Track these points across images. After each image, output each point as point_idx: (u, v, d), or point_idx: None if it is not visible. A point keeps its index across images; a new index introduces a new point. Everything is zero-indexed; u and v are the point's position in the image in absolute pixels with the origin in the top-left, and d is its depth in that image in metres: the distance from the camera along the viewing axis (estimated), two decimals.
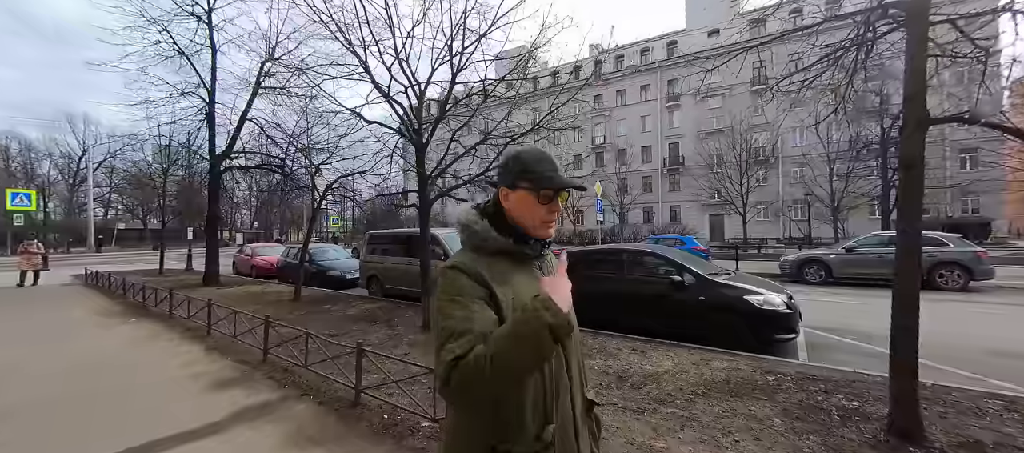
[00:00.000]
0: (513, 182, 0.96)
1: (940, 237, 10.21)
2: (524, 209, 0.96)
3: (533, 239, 0.98)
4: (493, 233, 0.94)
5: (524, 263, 0.98)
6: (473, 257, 0.93)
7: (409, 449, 2.74)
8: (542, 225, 0.97)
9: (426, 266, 5.80)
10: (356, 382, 3.42)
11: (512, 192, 0.96)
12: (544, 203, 0.95)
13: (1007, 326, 6.29)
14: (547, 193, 0.95)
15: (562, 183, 0.95)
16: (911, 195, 2.74)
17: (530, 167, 0.95)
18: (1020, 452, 2.54)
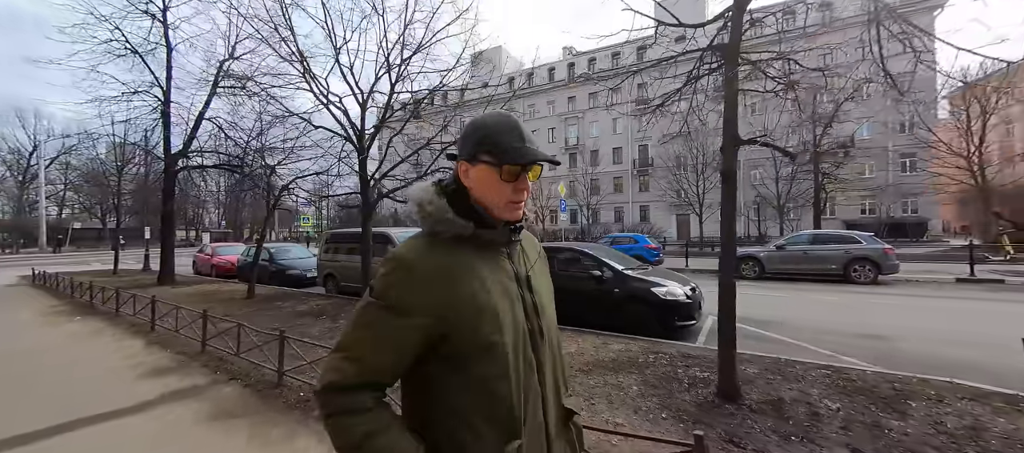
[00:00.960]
0: (473, 154, 0.80)
1: (854, 235, 11.31)
2: (486, 187, 0.80)
3: (501, 223, 0.82)
4: (449, 215, 0.78)
5: (489, 251, 0.82)
6: (426, 246, 0.78)
7: (314, 419, 3.17)
8: (508, 206, 0.80)
9: (367, 265, 6.20)
10: (279, 366, 3.82)
11: (472, 167, 0.80)
12: (509, 180, 0.79)
13: (884, 314, 7.18)
14: (512, 169, 0.78)
15: (531, 156, 0.78)
16: (729, 200, 3.36)
17: (492, 137, 0.79)
18: (808, 404, 3.18)
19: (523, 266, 0.88)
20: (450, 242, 0.79)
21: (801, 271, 11.34)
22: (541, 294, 0.88)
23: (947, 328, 6.09)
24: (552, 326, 0.89)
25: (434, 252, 0.77)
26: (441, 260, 0.76)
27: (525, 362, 0.79)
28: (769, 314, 7.12)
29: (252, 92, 8.36)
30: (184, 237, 52.81)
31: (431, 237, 0.80)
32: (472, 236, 0.79)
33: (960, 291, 9.43)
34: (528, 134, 0.80)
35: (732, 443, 2.68)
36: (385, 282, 0.74)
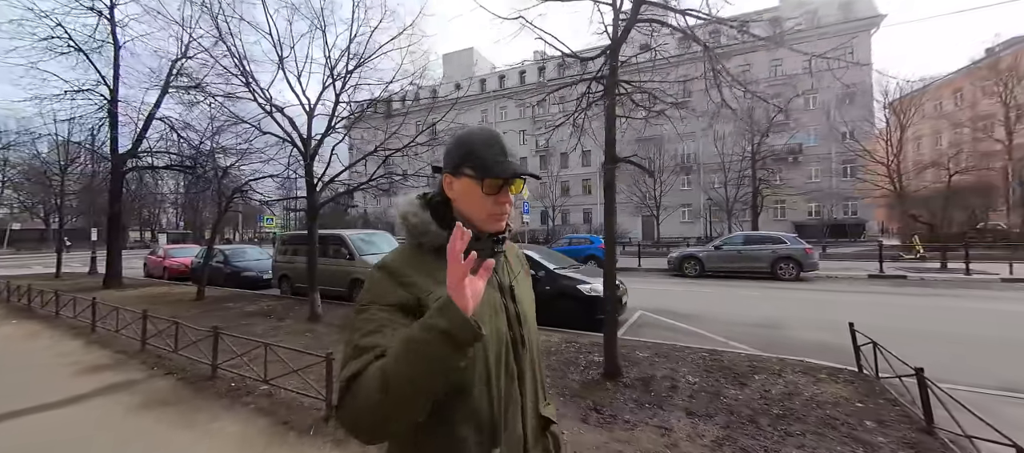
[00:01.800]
0: (457, 168, 0.83)
1: (780, 236, 12.43)
2: (469, 199, 0.82)
3: (485, 234, 0.84)
4: (433, 227, 0.82)
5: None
6: (410, 255, 0.81)
7: (241, 404, 3.52)
8: (490, 218, 0.83)
9: (313, 265, 6.49)
10: (213, 359, 4.11)
11: (456, 179, 0.83)
12: (491, 193, 0.81)
13: (790, 306, 8.08)
14: (493, 182, 0.81)
15: (511, 170, 0.82)
16: (610, 206, 3.95)
17: (475, 151, 0.82)
18: (672, 380, 3.79)
19: (507, 277, 0.90)
20: (433, 252, 0.80)
21: (736, 269, 12.34)
22: (524, 304, 0.90)
23: (833, 317, 6.98)
24: (533, 335, 0.90)
25: (418, 261, 0.79)
26: (425, 268, 0.78)
27: (507, 371, 0.80)
28: (691, 308, 7.87)
29: (204, 95, 8.41)
30: (139, 239, 50.28)
31: (415, 247, 0.82)
32: None
33: (867, 286, 10.58)
34: (509, 148, 0.84)
35: (595, 410, 3.23)
36: (371, 289, 0.76)
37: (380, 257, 0.85)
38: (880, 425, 2.86)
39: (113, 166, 11.24)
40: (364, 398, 0.63)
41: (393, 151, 6.68)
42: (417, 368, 0.61)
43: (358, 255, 8.87)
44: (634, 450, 2.66)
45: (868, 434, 2.75)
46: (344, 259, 9.06)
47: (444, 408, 0.72)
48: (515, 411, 0.81)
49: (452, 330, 0.61)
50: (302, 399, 3.44)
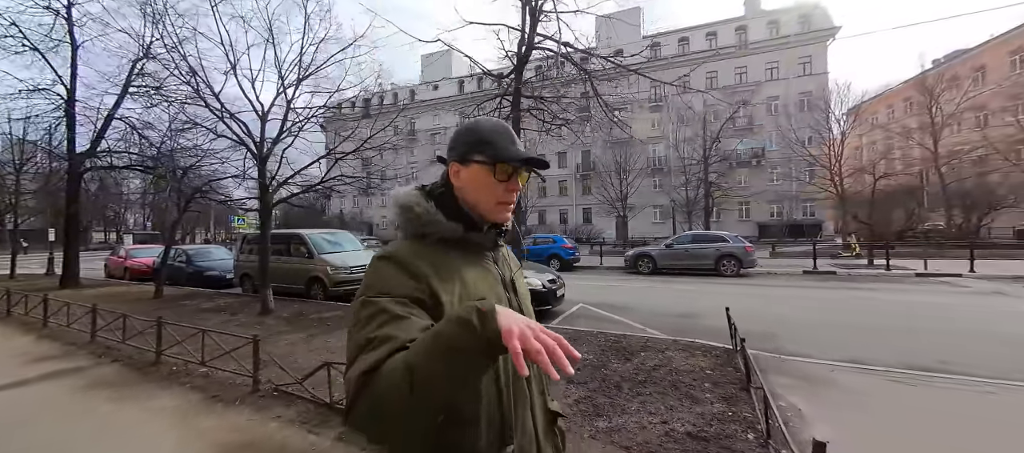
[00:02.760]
0: (465, 156, 0.81)
1: (724, 235, 13.35)
2: (478, 188, 0.81)
3: (487, 226, 0.84)
4: (439, 217, 0.80)
5: (476, 255, 0.84)
6: (413, 247, 0.78)
7: (179, 384, 3.91)
8: (498, 207, 0.82)
9: (264, 263, 6.84)
10: (157, 346, 4.48)
11: (464, 168, 0.82)
12: (502, 180, 0.80)
13: (717, 299, 8.78)
14: (506, 168, 0.80)
15: (524, 155, 0.81)
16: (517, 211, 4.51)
17: (486, 137, 0.81)
18: None
19: (507, 270, 0.89)
20: (436, 245, 0.78)
21: (685, 266, 13.17)
22: (524, 298, 0.89)
23: (751, 308, 7.76)
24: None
25: (423, 252, 0.77)
26: (430, 260, 0.75)
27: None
28: (627, 301, 8.54)
29: (162, 97, 8.61)
30: (103, 239, 48.57)
31: (418, 239, 0.80)
32: (460, 239, 0.79)
33: (798, 281, 11.51)
34: (518, 139, 0.84)
35: None
36: (375, 279, 0.73)
37: (384, 249, 0.80)
38: (714, 385, 3.50)
39: (70, 166, 11.21)
40: (386, 394, 0.57)
41: (345, 154, 7.09)
42: (450, 367, 0.56)
43: (317, 253, 9.20)
44: None
45: (700, 392, 3.38)
46: (304, 258, 9.38)
47: (456, 407, 0.69)
48: (524, 407, 0.79)
49: (483, 335, 0.55)
50: (234, 378, 3.86)
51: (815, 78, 33.13)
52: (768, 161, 35.23)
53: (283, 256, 9.76)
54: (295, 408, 3.28)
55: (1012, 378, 3.80)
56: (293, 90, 6.59)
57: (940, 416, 3.13)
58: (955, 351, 4.77)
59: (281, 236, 10.34)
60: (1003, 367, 4.12)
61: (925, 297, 8.41)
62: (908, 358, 4.49)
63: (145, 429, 3.07)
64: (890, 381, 3.82)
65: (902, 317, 6.72)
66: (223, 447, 2.73)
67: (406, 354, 0.59)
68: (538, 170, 0.85)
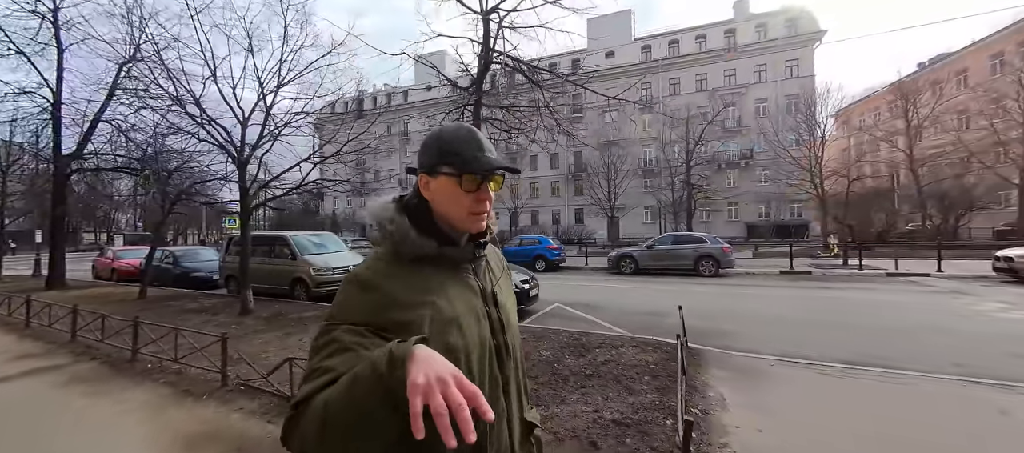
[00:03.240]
0: (433, 167, 0.78)
1: (703, 237, 13.67)
2: (447, 199, 0.77)
3: (465, 238, 0.81)
4: (412, 234, 0.76)
5: (453, 270, 0.80)
6: (385, 266, 0.75)
7: (152, 380, 4.12)
8: (470, 217, 0.78)
9: (245, 264, 7.03)
10: (133, 344, 4.68)
11: (432, 179, 0.78)
12: (470, 190, 0.76)
13: (688, 298, 9.08)
14: (473, 179, 0.76)
15: (490, 165, 0.77)
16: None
17: (452, 147, 0.77)
18: (527, 354, 4.62)
19: (488, 282, 0.86)
20: (413, 262, 0.76)
21: (665, 266, 13.48)
22: (507, 308, 0.87)
23: (713, 305, 8.07)
24: (516, 339, 0.88)
25: (396, 272, 0.74)
26: (403, 280, 0.73)
27: (491, 379, 0.77)
28: (601, 300, 8.82)
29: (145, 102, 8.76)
30: (94, 240, 48.34)
31: (392, 257, 0.76)
32: (434, 255, 0.76)
33: (773, 281, 11.85)
34: (487, 144, 0.79)
35: None
36: (343, 304, 0.71)
37: (357, 266, 0.77)
38: (653, 378, 3.76)
39: (55, 168, 11.32)
40: (307, 431, 0.57)
41: (324, 158, 7.30)
42: (355, 413, 0.54)
43: (300, 255, 9.40)
44: None
45: (639, 384, 3.64)
46: (287, 259, 9.57)
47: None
48: (500, 421, 0.78)
49: (392, 383, 0.52)
50: (205, 374, 4.07)
51: (802, 81, 33.62)
52: (756, 163, 35.73)
53: (267, 257, 9.95)
54: (258, 401, 3.50)
55: (938, 371, 4.10)
56: (272, 96, 6.80)
57: (846, 403, 3.41)
58: (893, 346, 5.09)
59: (265, 238, 10.53)
60: (934, 361, 4.42)
61: (887, 296, 8.76)
62: (848, 353, 4.79)
63: (116, 422, 3.28)
64: (820, 373, 4.11)
65: (857, 314, 7.04)
66: (187, 437, 2.95)
67: (329, 392, 0.57)
68: (512, 173, 0.81)
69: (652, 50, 40.25)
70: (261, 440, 2.90)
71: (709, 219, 36.08)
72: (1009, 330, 5.74)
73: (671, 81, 39.39)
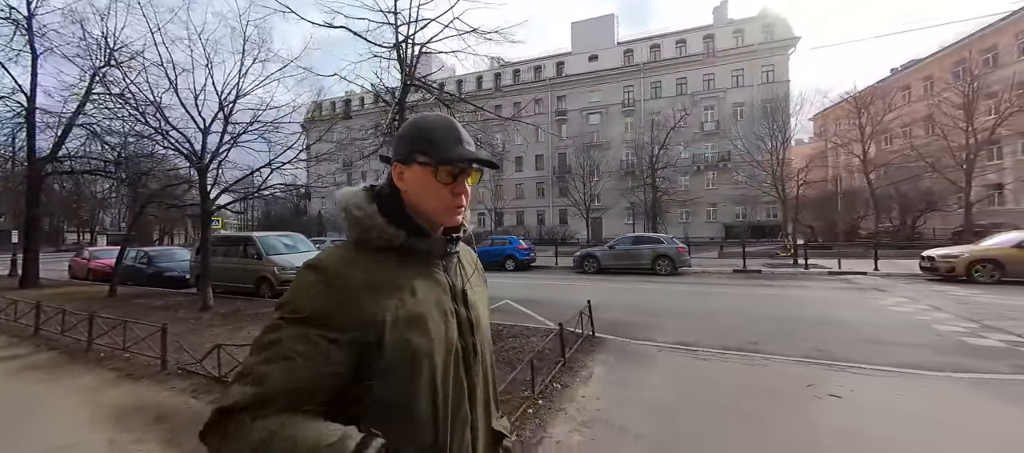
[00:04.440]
0: (408, 156, 0.74)
1: (660, 237, 14.35)
2: (422, 191, 0.74)
3: (438, 232, 0.78)
4: (379, 222, 0.72)
5: (422, 264, 0.76)
6: (348, 255, 0.72)
7: (102, 367, 4.59)
8: (446, 211, 0.75)
9: (206, 263, 7.50)
10: (88, 336, 5.15)
11: (407, 169, 0.75)
12: (446, 182, 0.73)
13: (634, 295, 9.75)
14: (450, 170, 0.73)
15: (468, 156, 0.74)
16: None
17: (428, 135, 0.74)
18: None
19: (459, 279, 0.82)
20: (379, 252, 0.72)
21: (625, 266, 14.12)
22: (477, 308, 0.82)
23: (646, 300, 8.70)
24: (486, 343, 0.83)
25: (359, 261, 0.70)
26: (366, 269, 0.69)
27: (456, 384, 0.72)
28: (548, 297, 9.42)
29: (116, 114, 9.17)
30: (76, 240, 48.06)
31: (357, 245, 0.73)
32: (404, 246, 0.73)
33: (723, 279, 12.53)
34: (466, 136, 0.76)
35: None
36: (297, 292, 0.67)
37: (318, 255, 0.73)
38: (540, 361, 4.33)
39: (30, 171, 11.65)
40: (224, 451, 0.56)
41: (282, 164, 7.80)
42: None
43: (265, 255, 9.87)
44: None
45: (521, 364, 4.21)
46: (253, 259, 10.03)
47: (384, 428, 0.61)
48: (463, 430, 0.73)
49: None
50: (151, 360, 4.56)
51: (777, 86, 34.60)
52: (734, 165, 36.70)
53: (235, 257, 10.40)
54: (190, 382, 4.01)
55: (798, 354, 4.71)
56: (230, 107, 7.28)
57: (695, 378, 4.00)
58: (778, 335, 5.72)
59: (234, 239, 10.98)
60: (801, 347, 5.05)
61: (812, 292, 9.46)
62: (736, 340, 5.40)
63: (60, 401, 3.77)
64: (695, 357, 4.71)
65: (769, 308, 7.72)
66: (117, 409, 3.46)
67: (266, 434, 0.56)
68: (490, 168, 0.79)
69: (634, 54, 41.07)
70: (182, 411, 3.42)
71: (688, 220, 36.98)
72: (885, 321, 6.43)
73: (652, 84, 40.24)
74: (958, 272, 10.10)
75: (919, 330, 5.84)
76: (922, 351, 4.92)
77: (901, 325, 6.16)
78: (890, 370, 4.17)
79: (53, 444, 2.91)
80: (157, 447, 2.83)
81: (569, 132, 44.59)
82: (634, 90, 40.99)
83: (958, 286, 9.57)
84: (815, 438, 2.83)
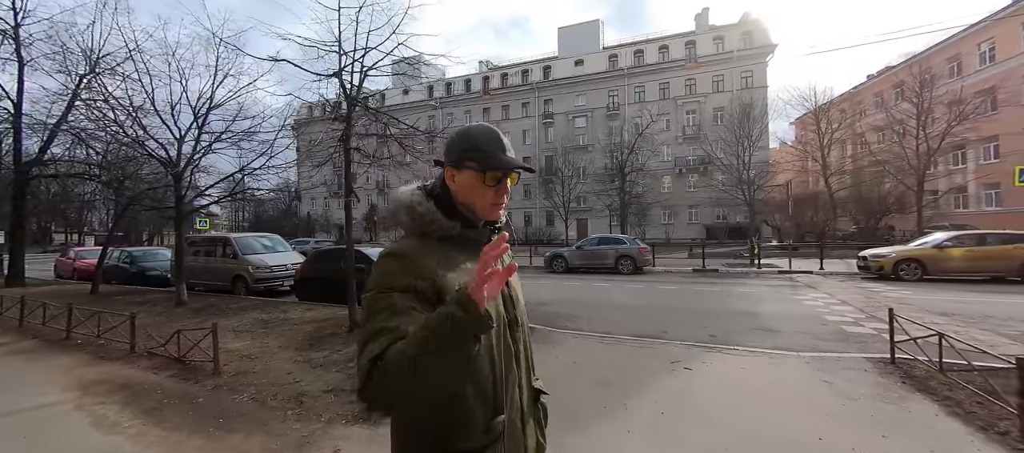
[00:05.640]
0: (459, 161, 0.90)
1: (622, 238, 15.14)
2: (471, 191, 0.90)
3: (483, 223, 0.93)
4: (439, 216, 0.88)
5: (473, 251, 0.87)
6: (417, 244, 0.87)
7: (77, 350, 5.23)
8: (491, 208, 0.92)
9: (180, 262, 8.13)
10: (67, 325, 5.78)
11: (458, 172, 0.91)
12: (491, 185, 0.90)
13: (588, 292, 10.49)
14: (494, 174, 0.89)
15: (511, 164, 0.90)
16: (349, 222, 5.97)
17: (478, 145, 0.90)
18: None
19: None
20: (438, 242, 0.87)
21: (590, 265, 14.87)
22: (515, 288, 1.00)
23: (592, 296, 9.43)
24: (524, 316, 1.00)
25: (425, 247, 0.86)
26: (432, 253, 0.85)
27: (505, 348, 0.88)
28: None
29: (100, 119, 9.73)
30: (65, 241, 48.11)
31: (419, 236, 0.89)
32: (457, 236, 0.89)
33: (679, 277, 13.29)
34: (508, 144, 0.93)
35: (311, 344, 5.23)
36: (383, 274, 0.81)
37: (389, 245, 0.90)
38: None
39: (15, 175, 12.16)
40: (391, 378, 0.68)
41: (253, 169, 8.44)
42: (441, 354, 0.66)
43: (240, 254, 10.49)
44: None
45: None
46: (229, 259, 10.65)
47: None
48: (513, 384, 0.90)
49: (470, 319, 0.66)
50: (121, 345, 5.20)
51: (755, 91, 35.65)
52: (713, 168, 37.69)
53: (213, 257, 11.01)
54: (154, 361, 4.67)
55: (694, 340, 5.41)
56: (203, 118, 7.91)
57: (591, 359, 4.71)
58: (688, 323, 6.46)
59: (212, 239, 11.59)
60: (699, 333, 5.78)
61: (750, 289, 10.25)
62: (649, 329, 6.10)
63: (39, 375, 4.40)
64: (604, 343, 5.37)
65: (699, 302, 8.50)
66: (87, 381, 4.11)
67: (405, 343, 0.69)
68: (528, 172, 0.96)
69: (618, 59, 41.97)
70: (143, 383, 4.08)
71: (670, 221, 37.96)
72: (789, 312, 7.24)
73: (636, 89, 41.15)
74: (886, 271, 10.96)
75: (811, 320, 6.63)
76: (800, 336, 5.69)
77: (799, 316, 6.94)
78: (758, 351, 4.91)
79: (32, 404, 3.56)
80: (116, 407, 3.49)
81: (555, 135, 45.42)
82: (618, 94, 41.86)
83: (884, 283, 10.42)
84: (646, 396, 3.56)
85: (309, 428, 3.03)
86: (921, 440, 2.68)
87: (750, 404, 3.39)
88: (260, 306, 7.96)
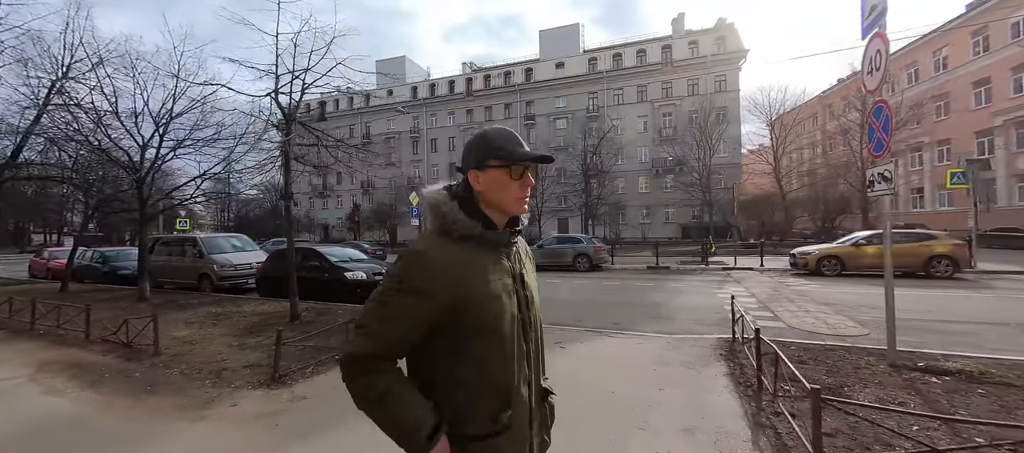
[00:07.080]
0: (482, 162, 0.95)
1: (579, 237, 16.01)
2: (498, 188, 0.95)
3: (503, 226, 0.98)
4: (462, 216, 0.93)
5: (492, 251, 0.96)
6: (441, 243, 0.92)
7: (41, 339, 5.84)
8: (517, 202, 0.97)
9: (143, 260, 8.71)
10: (32, 319, 6.38)
11: (482, 173, 0.95)
12: (517, 178, 0.95)
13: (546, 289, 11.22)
14: (519, 168, 0.94)
15: (533, 156, 0.95)
16: (289, 225, 6.65)
17: (499, 144, 0.95)
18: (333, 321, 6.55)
19: (518, 264, 1.03)
20: (459, 240, 0.92)
21: (550, 263, 15.65)
22: (531, 289, 1.06)
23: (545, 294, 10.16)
24: (538, 318, 1.06)
25: (447, 246, 0.90)
26: (453, 252, 0.90)
27: (519, 348, 0.94)
28: None
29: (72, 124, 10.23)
30: (44, 241, 47.65)
31: (442, 234, 0.93)
32: (478, 236, 0.93)
33: (632, 274, 14.11)
34: (523, 140, 0.99)
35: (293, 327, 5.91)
36: (402, 268, 0.88)
37: (414, 242, 0.98)
38: None
39: None
40: (351, 387, 0.86)
41: (215, 175, 9.06)
42: (383, 431, 0.85)
43: (207, 254, 11.08)
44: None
45: None
46: (196, 257, 11.23)
47: (466, 374, 0.89)
48: (523, 382, 0.96)
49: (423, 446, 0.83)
50: (78, 334, 5.83)
51: (728, 95, 36.87)
52: (690, 169, 38.86)
53: (181, 256, 11.58)
54: (105, 346, 5.32)
55: (601, 327, 6.10)
56: (164, 127, 8.52)
57: None
58: (601, 314, 7.25)
59: (181, 239, 12.15)
60: (606, 322, 6.55)
61: (682, 284, 11.13)
62: (566, 318, 6.71)
63: (1, 357, 5.04)
64: None
65: (634, 296, 9.32)
66: (44, 361, 4.76)
67: (378, 389, 0.85)
68: (547, 162, 1.01)
69: (598, 62, 42.93)
70: (92, 362, 4.74)
71: (648, 220, 38.98)
72: (697, 303, 8.10)
73: (615, 92, 42.15)
74: (811, 267, 11.93)
75: (709, 310, 7.48)
76: (687, 322, 6.52)
77: (701, 307, 7.79)
78: (639, 334, 5.67)
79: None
80: (64, 380, 4.16)
81: (537, 137, 46.16)
82: (598, 97, 42.78)
83: (806, 278, 11.38)
84: None
85: (219, 392, 3.74)
86: (686, 391, 3.47)
87: (592, 372, 4.16)
88: (218, 301, 8.59)
